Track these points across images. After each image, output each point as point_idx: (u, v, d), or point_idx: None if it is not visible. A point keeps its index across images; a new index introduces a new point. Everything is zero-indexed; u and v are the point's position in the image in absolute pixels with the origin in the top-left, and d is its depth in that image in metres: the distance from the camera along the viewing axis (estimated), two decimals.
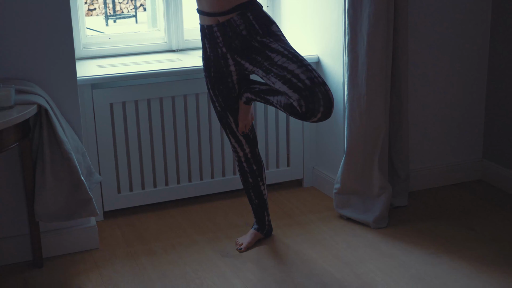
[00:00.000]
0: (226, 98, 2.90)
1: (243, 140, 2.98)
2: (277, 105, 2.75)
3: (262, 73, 2.73)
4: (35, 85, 2.87)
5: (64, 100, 2.97)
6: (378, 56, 3.21)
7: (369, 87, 3.23)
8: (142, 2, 10.80)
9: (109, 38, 3.73)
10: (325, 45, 3.56)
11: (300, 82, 2.62)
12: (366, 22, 3.18)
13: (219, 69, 2.85)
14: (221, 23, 2.75)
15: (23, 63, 2.88)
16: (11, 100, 2.62)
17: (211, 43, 2.82)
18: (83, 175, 2.91)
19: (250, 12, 2.75)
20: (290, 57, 2.69)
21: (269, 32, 2.78)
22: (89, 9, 10.69)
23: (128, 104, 3.35)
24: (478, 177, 3.89)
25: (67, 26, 2.91)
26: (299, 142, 3.75)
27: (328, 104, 2.62)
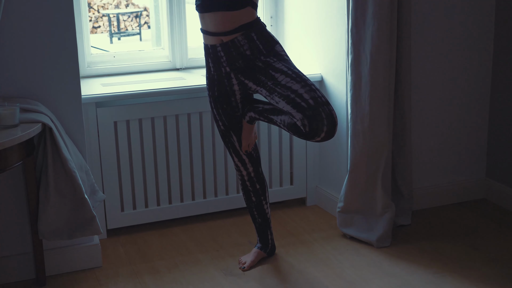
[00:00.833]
0: (229, 117, 2.91)
1: (247, 159, 2.99)
2: (281, 125, 2.76)
3: (265, 92, 2.74)
4: (40, 104, 2.88)
5: (69, 118, 2.99)
6: (381, 75, 3.22)
7: (372, 106, 3.24)
8: (147, 20, 10.86)
9: (114, 56, 3.75)
10: (329, 64, 3.57)
11: (303, 102, 2.62)
12: (369, 41, 3.19)
13: (223, 88, 2.86)
14: (225, 43, 2.77)
15: (28, 81, 2.89)
16: (16, 119, 2.63)
17: (215, 63, 2.83)
18: (87, 193, 2.92)
19: (254, 32, 2.76)
20: (294, 77, 2.70)
21: (273, 51, 2.79)
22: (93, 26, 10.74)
23: (132, 122, 3.36)
24: (482, 196, 3.88)
25: (72, 45, 2.93)
26: (302, 161, 3.75)
27: (331, 124, 2.63)
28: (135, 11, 10.64)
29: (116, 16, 10.43)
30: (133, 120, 3.36)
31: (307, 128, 2.62)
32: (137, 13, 10.63)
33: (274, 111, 2.79)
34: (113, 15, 10.45)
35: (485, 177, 3.88)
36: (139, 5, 11.06)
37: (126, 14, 10.75)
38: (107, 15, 10.39)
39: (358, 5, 3.18)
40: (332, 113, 2.64)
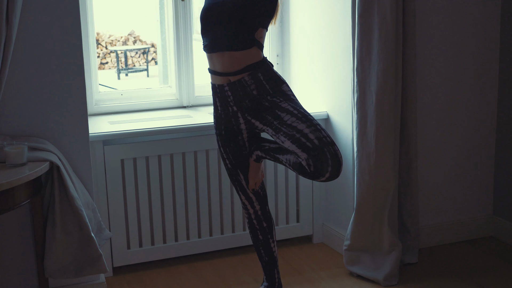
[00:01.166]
0: (236, 156, 2.92)
1: (254, 197, 2.99)
2: (286, 164, 2.77)
3: (272, 132, 2.75)
4: (48, 142, 2.90)
5: (76, 156, 3.01)
6: (387, 113, 3.23)
7: (378, 144, 3.25)
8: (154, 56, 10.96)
9: (121, 94, 3.78)
10: (335, 102, 3.60)
11: (309, 142, 2.64)
12: (375, 80, 3.22)
13: (230, 127, 2.88)
14: (232, 83, 2.79)
15: (37, 120, 2.92)
16: (24, 158, 2.65)
17: (222, 102, 2.85)
18: (93, 231, 2.92)
19: (260, 72, 2.79)
20: (300, 117, 2.72)
21: (280, 91, 2.82)
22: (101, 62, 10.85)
23: (139, 160, 3.37)
24: (489, 234, 3.87)
25: (80, 83, 2.97)
26: (308, 198, 3.75)
27: (336, 164, 2.63)
28: (142, 48, 10.75)
29: (124, 52, 10.54)
30: (140, 158, 3.37)
31: (312, 168, 2.63)
32: (145, 50, 10.74)
33: (280, 150, 2.80)
34: (121, 52, 10.56)
35: (492, 214, 3.87)
36: (147, 41, 11.18)
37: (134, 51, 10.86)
38: (115, 52, 10.51)
39: (363, 44, 3.22)
40: (337, 153, 2.65)
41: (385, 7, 3.17)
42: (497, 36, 3.68)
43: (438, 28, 3.53)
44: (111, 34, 11.14)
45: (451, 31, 3.57)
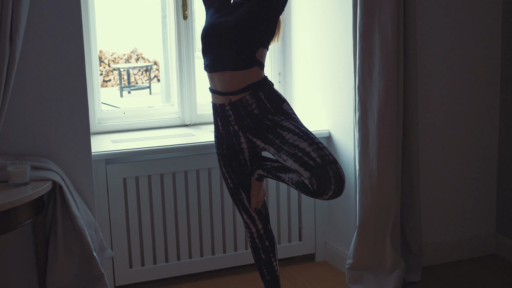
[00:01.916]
0: (238, 175, 2.93)
1: (256, 216, 3.00)
2: (289, 183, 2.77)
3: (273, 150, 2.76)
4: (50, 161, 2.92)
5: (78, 175, 3.02)
6: (389, 131, 3.24)
7: (380, 162, 3.26)
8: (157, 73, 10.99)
9: (124, 113, 3.80)
10: (336, 120, 3.61)
11: (311, 160, 2.64)
12: (376, 98, 3.23)
13: (231, 146, 2.89)
14: (233, 102, 2.81)
15: (39, 139, 2.94)
16: (27, 177, 2.66)
17: (223, 121, 2.87)
18: (95, 251, 2.92)
19: (261, 91, 2.80)
20: (301, 135, 2.72)
21: (281, 110, 2.83)
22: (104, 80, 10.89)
23: (141, 179, 3.38)
24: (492, 252, 3.86)
25: (83, 102, 2.99)
26: (311, 217, 3.76)
27: (339, 182, 2.64)
28: (145, 65, 10.79)
29: (127, 70, 10.58)
30: (142, 177, 3.38)
31: (314, 187, 2.63)
32: (147, 67, 10.78)
33: (282, 169, 2.81)
34: (124, 69, 10.60)
35: (495, 232, 3.86)
36: (149, 59, 11.22)
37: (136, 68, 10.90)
38: (118, 69, 10.55)
39: (365, 62, 3.24)
40: (340, 171, 2.65)
41: (386, 25, 3.19)
42: (498, 55, 3.70)
43: (440, 45, 3.55)
44: (114, 51, 11.19)
45: (453, 49, 3.59)
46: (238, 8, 2.84)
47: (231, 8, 2.87)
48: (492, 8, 3.64)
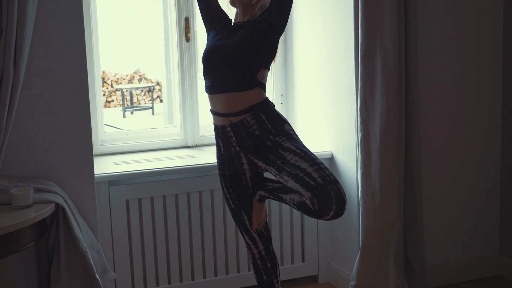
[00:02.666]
0: (239, 196, 2.95)
1: (257, 237, 3.01)
2: (290, 203, 2.80)
3: (275, 171, 2.79)
4: (53, 183, 2.94)
5: (81, 197, 3.04)
6: (391, 153, 3.27)
7: (382, 183, 3.28)
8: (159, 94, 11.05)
9: (127, 134, 3.83)
10: (339, 141, 3.63)
11: (312, 181, 2.67)
12: (378, 120, 3.26)
13: (233, 168, 2.92)
14: (234, 123, 2.84)
15: (42, 161, 2.97)
16: (30, 200, 2.69)
17: (224, 142, 2.90)
18: (98, 273, 2.94)
19: (262, 112, 2.84)
20: (302, 156, 2.75)
21: (282, 131, 2.86)
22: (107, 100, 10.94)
23: (144, 201, 3.41)
24: (496, 273, 3.86)
25: (86, 125, 3.03)
26: (313, 238, 3.77)
27: (340, 202, 2.66)
28: (147, 86, 10.85)
29: (129, 90, 10.64)
30: (145, 199, 3.41)
31: (316, 207, 2.65)
32: (150, 88, 10.84)
33: (283, 190, 2.83)
34: (126, 90, 10.66)
35: (498, 253, 3.87)
36: (152, 79, 11.28)
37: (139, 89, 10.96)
38: (121, 90, 10.61)
39: (367, 84, 3.27)
40: (341, 191, 2.67)
41: (388, 47, 3.23)
42: (499, 75, 3.73)
43: (441, 66, 3.58)
44: (116, 72, 11.26)
45: (455, 69, 3.61)
46: (239, 30, 2.88)
47: (232, 30, 2.91)
48: (494, 33, 3.67)
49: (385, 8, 3.22)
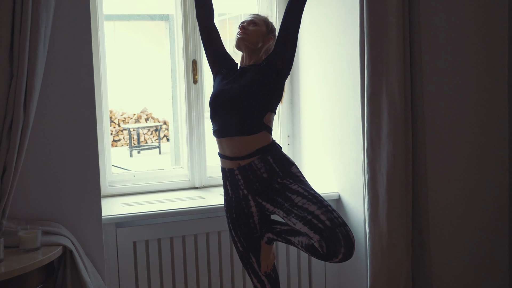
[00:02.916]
0: (247, 238, 2.96)
1: (266, 280, 3.01)
2: (299, 246, 2.80)
3: (283, 214, 2.80)
4: (61, 226, 2.96)
5: (89, 239, 3.05)
6: (398, 194, 3.28)
7: (390, 225, 3.28)
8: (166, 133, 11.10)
9: (134, 176, 3.85)
10: (346, 182, 3.64)
11: (320, 223, 2.67)
12: (385, 162, 3.27)
13: (241, 210, 2.93)
14: (242, 166, 2.86)
15: (50, 203, 2.99)
16: (38, 242, 2.70)
17: (232, 185, 2.92)
18: None
19: (270, 155, 2.86)
20: (310, 198, 2.76)
21: (289, 173, 2.88)
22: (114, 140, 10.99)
23: (151, 243, 3.41)
24: None
25: (94, 167, 3.05)
26: (321, 280, 3.75)
27: (349, 245, 2.66)
28: (154, 125, 10.91)
29: (136, 130, 10.69)
30: (152, 240, 3.41)
31: (324, 250, 2.66)
32: (157, 127, 10.90)
33: (292, 232, 2.84)
34: (133, 129, 10.72)
35: None
36: (159, 118, 11.35)
37: (146, 128, 11.01)
38: (128, 129, 10.66)
39: (373, 126, 3.29)
40: (349, 234, 2.68)
41: (393, 89, 3.26)
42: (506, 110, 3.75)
43: (448, 107, 3.58)
44: (123, 111, 11.33)
45: (460, 110, 3.62)
46: (245, 74, 2.93)
47: (238, 74, 2.96)
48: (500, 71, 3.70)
49: (391, 49, 3.27)
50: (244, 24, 3.01)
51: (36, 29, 2.73)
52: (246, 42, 2.98)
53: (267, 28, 3.02)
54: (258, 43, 2.99)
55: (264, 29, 3.01)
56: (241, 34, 2.99)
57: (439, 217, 3.63)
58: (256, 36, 2.98)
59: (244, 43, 2.99)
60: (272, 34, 3.04)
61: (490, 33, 3.62)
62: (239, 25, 3.03)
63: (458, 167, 3.65)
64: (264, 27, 3.01)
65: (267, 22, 3.04)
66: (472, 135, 3.66)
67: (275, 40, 3.03)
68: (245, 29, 2.99)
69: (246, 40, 2.98)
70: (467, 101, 3.64)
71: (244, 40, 2.98)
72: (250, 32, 2.98)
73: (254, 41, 2.99)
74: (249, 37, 2.98)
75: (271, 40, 3.03)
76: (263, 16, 3.08)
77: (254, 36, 2.98)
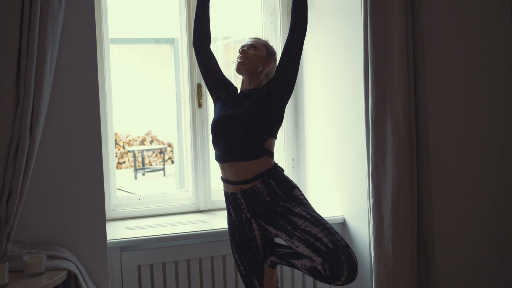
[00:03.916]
0: (250, 262, 2.97)
1: None
2: (302, 269, 2.81)
3: (285, 236, 2.82)
4: (66, 250, 2.98)
5: (93, 263, 3.07)
6: (403, 218, 3.29)
7: (395, 249, 3.29)
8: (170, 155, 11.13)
9: (139, 199, 3.87)
10: (350, 206, 3.66)
11: (323, 246, 2.69)
12: (390, 185, 3.29)
13: (244, 234, 2.95)
14: (244, 190, 2.90)
15: (55, 227, 3.02)
16: (42, 267, 2.72)
17: (235, 209, 2.94)
18: None
19: (272, 179, 2.89)
20: (313, 221, 2.79)
21: (292, 196, 2.90)
22: (118, 162, 11.02)
23: (156, 267, 3.42)
24: None
25: (99, 191, 3.08)
26: None
27: (352, 267, 2.68)
28: (159, 147, 10.95)
29: (141, 152, 10.73)
30: (156, 264, 3.42)
31: (327, 272, 2.67)
32: (161, 149, 10.93)
33: (295, 255, 2.86)
34: (138, 151, 10.76)
35: None
36: (164, 141, 11.39)
37: (151, 150, 11.05)
38: (132, 151, 10.70)
39: (378, 149, 3.31)
40: (352, 256, 2.70)
41: (398, 112, 3.29)
42: None
43: (452, 129, 3.57)
44: (128, 134, 11.38)
45: (466, 134, 3.62)
46: (246, 99, 2.97)
47: (238, 99, 3.00)
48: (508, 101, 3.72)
49: (395, 71, 3.30)
50: (244, 48, 3.06)
51: (43, 55, 2.79)
52: (246, 66, 3.02)
53: (267, 52, 3.06)
54: (258, 67, 3.03)
55: (265, 53, 3.05)
56: (241, 58, 3.03)
57: (445, 242, 3.62)
58: (256, 60, 3.02)
59: (244, 67, 3.03)
60: (272, 58, 3.08)
61: (495, 53, 3.64)
62: (239, 49, 3.07)
63: (465, 191, 3.65)
64: (265, 51, 3.05)
65: (267, 46, 3.08)
66: (479, 160, 3.66)
67: (275, 64, 3.07)
68: (245, 53, 3.04)
69: (246, 64, 3.02)
70: (473, 125, 3.63)
71: (244, 64, 3.02)
72: (250, 56, 3.02)
73: (254, 65, 3.02)
74: (249, 62, 3.02)
75: (271, 64, 3.07)
76: (263, 40, 3.13)
77: (254, 60, 3.02)
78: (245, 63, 3.03)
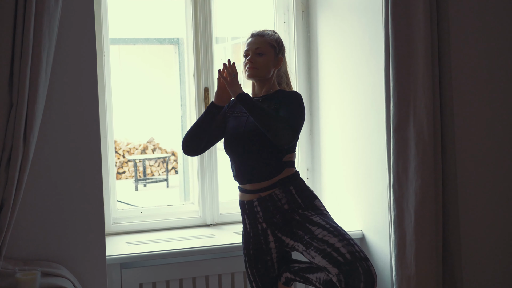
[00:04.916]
0: (263, 278, 2.96)
1: None
2: (316, 283, 2.80)
3: (302, 247, 2.80)
4: (62, 267, 2.96)
5: (91, 281, 3.05)
6: (427, 233, 3.26)
7: (418, 267, 3.25)
8: (174, 165, 11.11)
9: (140, 212, 3.85)
10: (370, 220, 3.63)
11: (340, 256, 2.67)
12: (413, 198, 3.26)
13: (259, 246, 2.94)
14: (262, 197, 2.89)
15: (50, 242, 3.00)
16: (36, 285, 2.69)
17: (250, 219, 2.93)
18: None
19: (292, 186, 2.89)
20: (332, 231, 2.77)
21: (312, 205, 2.90)
22: (118, 172, 11.01)
23: (159, 285, 3.40)
24: None
25: (98, 204, 3.06)
26: None
27: (369, 281, 2.66)
28: (162, 156, 10.93)
29: (142, 161, 10.72)
30: (159, 282, 3.40)
31: (343, 285, 2.65)
32: (165, 158, 10.92)
33: (310, 270, 2.85)
34: (139, 161, 10.74)
35: None
36: (167, 149, 11.38)
37: (153, 159, 11.03)
38: (133, 161, 10.69)
39: (399, 159, 3.28)
40: (371, 269, 2.68)
41: (421, 118, 3.26)
42: None
43: (479, 137, 3.54)
44: (129, 141, 11.38)
45: (494, 141, 3.59)
46: None
47: None
48: None
49: (419, 74, 3.27)
50: (250, 54, 3.00)
51: (38, 55, 2.76)
52: (257, 77, 3.00)
53: (275, 52, 3.02)
54: (269, 72, 3.00)
55: (272, 54, 3.00)
56: (250, 70, 2.98)
57: (473, 259, 3.59)
58: (266, 68, 2.98)
59: (254, 78, 3.01)
60: (281, 53, 3.04)
61: None
62: (244, 54, 3.02)
63: (494, 204, 3.61)
64: (272, 52, 3.00)
65: (272, 44, 3.01)
66: (510, 170, 3.63)
67: (285, 59, 3.06)
68: (252, 63, 2.99)
69: (256, 75, 2.99)
70: (504, 133, 3.59)
71: (254, 76, 2.99)
72: (259, 65, 2.98)
73: (265, 73, 2.99)
74: (259, 72, 2.98)
75: (281, 62, 3.03)
76: (266, 35, 3.03)
77: (264, 68, 2.98)
78: (255, 74, 2.99)
